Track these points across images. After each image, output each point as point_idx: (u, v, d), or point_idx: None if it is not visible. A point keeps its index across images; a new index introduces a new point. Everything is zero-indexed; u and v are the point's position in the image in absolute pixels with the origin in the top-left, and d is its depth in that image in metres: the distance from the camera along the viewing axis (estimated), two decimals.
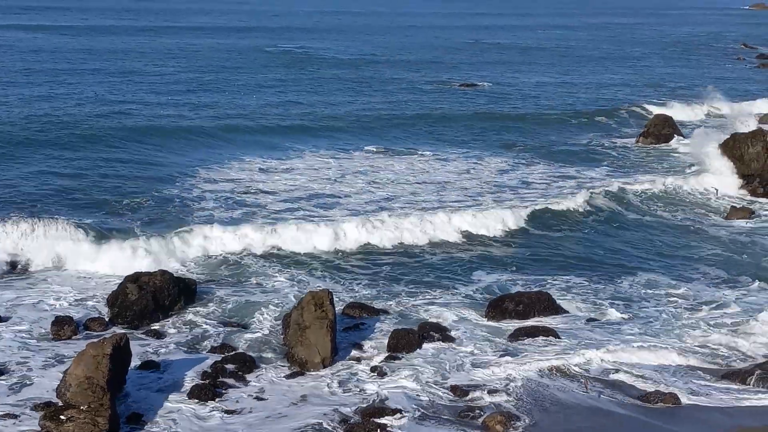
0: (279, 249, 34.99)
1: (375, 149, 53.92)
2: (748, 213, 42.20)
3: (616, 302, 30.50)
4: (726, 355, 26.56)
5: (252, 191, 43.10)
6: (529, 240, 37.98)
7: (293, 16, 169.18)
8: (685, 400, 23.59)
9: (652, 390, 24.01)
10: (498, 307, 29.09)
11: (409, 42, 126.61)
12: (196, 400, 22.62)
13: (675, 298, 30.96)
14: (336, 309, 26.26)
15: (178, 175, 45.20)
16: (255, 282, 31.33)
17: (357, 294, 30.62)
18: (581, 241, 38.04)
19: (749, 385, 24.43)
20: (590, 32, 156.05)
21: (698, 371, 25.51)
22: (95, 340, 22.78)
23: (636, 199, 44.48)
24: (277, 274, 32.25)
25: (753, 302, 30.67)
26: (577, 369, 25.22)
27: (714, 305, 30.33)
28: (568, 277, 33.03)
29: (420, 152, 53.70)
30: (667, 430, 22.19)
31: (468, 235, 37.80)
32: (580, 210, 41.96)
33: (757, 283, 32.69)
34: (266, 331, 27.28)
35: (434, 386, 24.00)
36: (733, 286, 32.65)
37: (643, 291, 31.78)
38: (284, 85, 79.35)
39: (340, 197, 42.73)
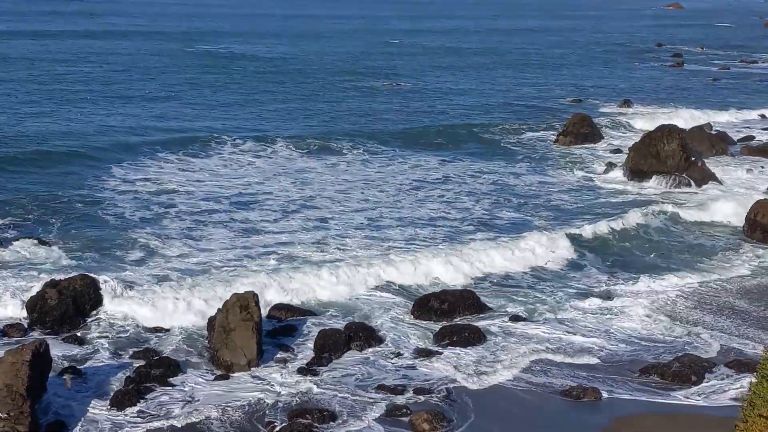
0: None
1: (301, 149, 53.76)
2: (667, 209, 43.16)
3: (541, 299, 30.94)
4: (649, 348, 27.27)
5: (170, 190, 42.83)
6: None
7: (215, 17, 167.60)
8: (605, 394, 24.09)
9: (575, 385, 24.47)
10: (423, 306, 29.27)
11: (335, 43, 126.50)
12: (120, 407, 22.26)
13: (597, 298, 31.55)
14: (262, 311, 26.11)
15: (92, 176, 44.73)
16: (180, 285, 30.92)
17: (283, 295, 30.40)
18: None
19: (668, 379, 25.05)
20: (512, 35, 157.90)
21: (619, 365, 26.06)
22: (14, 346, 22.29)
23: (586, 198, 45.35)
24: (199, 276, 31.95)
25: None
26: (499, 366, 25.56)
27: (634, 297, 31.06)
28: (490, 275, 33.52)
29: (344, 151, 53.76)
30: (588, 423, 22.65)
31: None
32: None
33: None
34: (191, 335, 26.97)
35: (361, 386, 24.06)
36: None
37: (568, 286, 32.32)
38: (208, 85, 78.58)
39: (261, 197, 42.65)
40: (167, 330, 27.25)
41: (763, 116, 71.53)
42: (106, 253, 33.46)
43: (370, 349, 26.36)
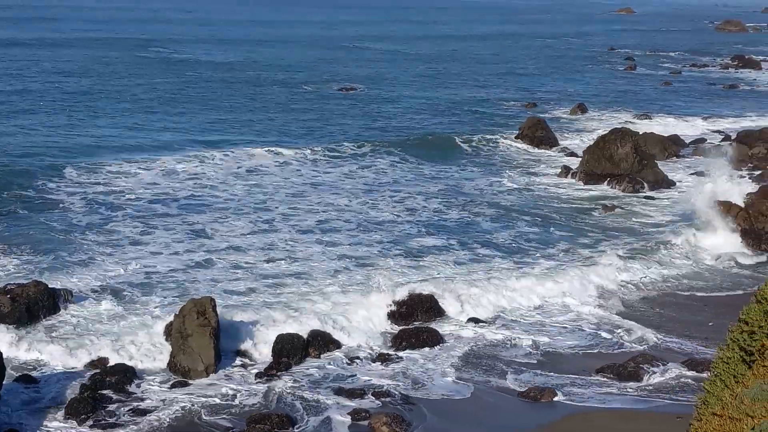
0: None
1: (254, 154, 53.56)
2: (620, 211, 43.68)
3: (498, 303, 31.11)
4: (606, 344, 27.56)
5: (121, 194, 42.61)
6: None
7: (168, 23, 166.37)
8: (561, 394, 24.30)
9: (532, 386, 24.66)
10: (382, 309, 29.26)
11: (289, 49, 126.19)
12: (75, 416, 21.99)
13: (552, 299, 31.82)
14: (219, 316, 25.96)
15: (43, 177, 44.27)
16: (136, 291, 30.65)
17: (242, 299, 30.24)
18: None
19: (623, 378, 25.34)
20: (466, 40, 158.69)
21: (576, 365, 26.31)
22: None
23: (525, 199, 45.65)
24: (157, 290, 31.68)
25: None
26: (456, 368, 25.68)
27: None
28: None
29: (297, 156, 53.68)
30: (543, 422, 22.83)
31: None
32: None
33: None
34: (148, 341, 26.71)
35: (320, 390, 24.03)
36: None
37: (522, 284, 32.53)
38: (162, 91, 77.97)
39: (211, 201, 42.58)
40: (124, 336, 26.93)
41: (713, 119, 72.63)
42: (58, 258, 33.08)
43: (328, 353, 26.35)
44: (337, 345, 26.91)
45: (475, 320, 29.34)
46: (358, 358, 26.22)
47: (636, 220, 42.73)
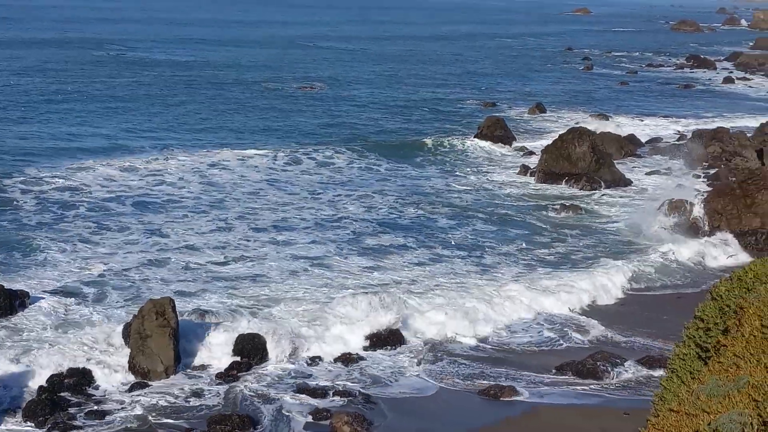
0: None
1: (213, 152, 53.32)
2: (578, 210, 44.02)
3: (460, 302, 31.25)
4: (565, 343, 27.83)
5: (77, 193, 42.28)
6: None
7: (128, 22, 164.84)
8: (522, 391, 24.50)
9: (493, 383, 24.84)
10: (344, 308, 29.25)
11: (250, 48, 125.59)
12: (32, 418, 21.75)
13: (513, 298, 32.03)
14: (179, 316, 25.82)
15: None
16: (91, 291, 30.35)
17: (203, 300, 30.07)
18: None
19: (582, 376, 25.62)
20: (426, 41, 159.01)
21: (536, 363, 26.54)
22: None
23: (480, 197, 45.86)
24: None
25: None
26: (419, 367, 25.78)
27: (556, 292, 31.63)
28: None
29: (256, 154, 53.52)
30: (504, 419, 23.01)
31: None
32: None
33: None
34: (106, 342, 26.46)
35: (282, 390, 23.99)
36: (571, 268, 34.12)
37: (482, 283, 32.73)
38: (122, 91, 77.23)
39: (167, 200, 42.38)
40: (81, 337, 26.66)
41: (669, 118, 73.53)
42: (11, 258, 32.72)
43: (290, 353, 26.28)
44: (300, 344, 26.83)
45: (438, 319, 29.39)
46: (319, 357, 26.20)
47: (593, 218, 43.15)
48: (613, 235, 40.44)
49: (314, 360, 26.06)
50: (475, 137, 60.47)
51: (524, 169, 52.02)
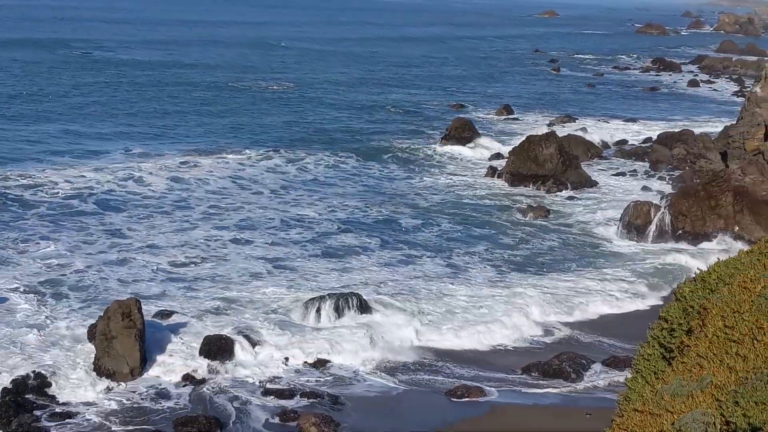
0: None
1: (179, 151, 53.03)
2: (545, 212, 44.26)
3: (429, 300, 31.31)
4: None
5: (40, 190, 42.04)
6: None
7: (96, 23, 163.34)
8: (488, 392, 24.62)
9: (459, 384, 24.93)
10: (311, 308, 29.21)
11: (216, 48, 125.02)
12: None
13: (479, 297, 32.15)
14: (145, 317, 25.65)
15: None
16: (55, 292, 30.03)
17: (168, 301, 29.90)
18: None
19: (548, 376, 25.79)
20: (396, 42, 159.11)
21: (502, 364, 26.66)
22: None
23: (443, 197, 45.95)
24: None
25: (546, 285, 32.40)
26: (386, 367, 25.81)
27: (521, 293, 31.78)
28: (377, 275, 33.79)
29: (222, 153, 53.32)
30: (470, 419, 23.10)
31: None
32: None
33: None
34: (71, 343, 26.24)
35: (249, 391, 23.92)
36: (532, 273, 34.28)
37: (447, 284, 32.82)
38: (91, 92, 76.50)
39: (130, 198, 42.19)
40: (47, 338, 26.43)
41: (635, 121, 74.15)
42: None
43: (257, 353, 26.19)
44: (267, 345, 26.76)
45: (402, 319, 29.43)
46: (287, 358, 26.14)
47: (559, 219, 43.40)
48: (578, 237, 40.69)
49: (281, 361, 25.97)
50: (442, 139, 60.58)
51: (491, 171, 52.23)
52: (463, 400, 24.17)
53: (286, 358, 26.13)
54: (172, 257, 33.99)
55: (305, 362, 25.99)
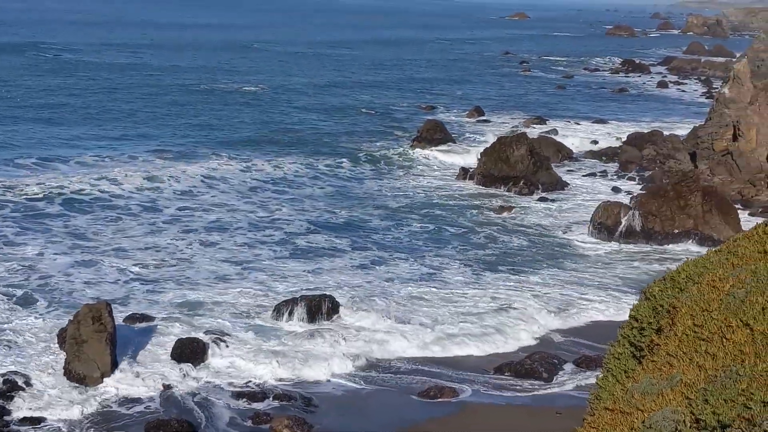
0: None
1: (148, 153, 52.72)
2: (516, 212, 44.46)
3: (401, 303, 31.32)
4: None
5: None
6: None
7: (63, 25, 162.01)
8: (461, 392, 24.67)
9: (433, 385, 24.97)
10: (283, 310, 29.14)
11: (186, 50, 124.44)
12: None
13: (452, 299, 32.21)
14: (116, 321, 25.46)
15: None
16: (21, 295, 29.70)
17: (139, 305, 29.68)
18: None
19: (520, 376, 25.89)
20: (368, 45, 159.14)
21: (474, 364, 26.72)
22: None
23: (418, 199, 46.03)
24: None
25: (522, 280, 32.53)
26: (361, 370, 25.80)
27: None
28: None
29: (192, 155, 53.07)
30: (441, 419, 23.14)
31: None
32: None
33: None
34: (41, 347, 25.98)
35: (221, 394, 23.80)
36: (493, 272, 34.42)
37: (419, 285, 32.84)
38: (60, 95, 75.92)
39: (97, 201, 41.98)
40: (14, 342, 26.16)
41: (605, 122, 74.61)
42: None
43: (229, 356, 26.09)
44: (239, 347, 26.65)
45: (375, 320, 29.43)
46: (256, 360, 26.04)
47: (530, 220, 43.59)
48: (549, 237, 40.90)
49: (253, 364, 25.86)
50: (414, 141, 60.67)
51: (463, 172, 52.37)
52: (436, 400, 24.20)
53: (258, 361, 26.02)
54: (141, 260, 33.77)
55: (277, 364, 25.88)
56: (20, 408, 22.49)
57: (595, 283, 34.78)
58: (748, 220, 40.57)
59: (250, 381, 24.75)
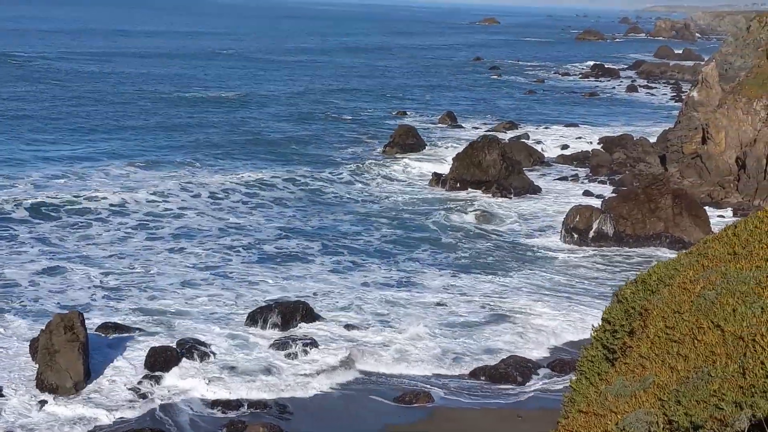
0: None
1: (122, 160, 52.42)
2: (488, 217, 44.58)
3: (374, 309, 31.32)
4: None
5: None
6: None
7: (34, 34, 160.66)
8: (437, 397, 24.71)
9: (408, 390, 24.97)
10: (258, 318, 29.03)
11: (155, 58, 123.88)
12: None
13: (426, 303, 32.25)
14: (88, 330, 25.27)
15: None
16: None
17: (112, 314, 29.45)
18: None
19: (495, 380, 25.97)
20: (338, 51, 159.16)
21: (450, 369, 26.76)
22: None
23: (401, 206, 46.07)
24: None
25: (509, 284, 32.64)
26: (336, 375, 25.77)
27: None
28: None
29: (164, 162, 52.82)
30: (415, 422, 23.16)
31: None
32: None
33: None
34: (11, 357, 25.74)
35: (196, 402, 23.67)
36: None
37: (392, 290, 32.86)
38: (32, 104, 75.29)
39: (65, 208, 41.67)
40: None
41: (575, 126, 75.10)
42: None
43: (203, 364, 25.96)
44: (213, 354, 26.53)
45: (349, 326, 29.42)
46: (233, 367, 25.94)
47: (503, 224, 43.75)
48: (521, 241, 41.06)
49: (227, 372, 25.77)
50: (386, 146, 60.76)
51: (435, 177, 52.48)
52: (412, 405, 24.21)
53: (232, 368, 25.92)
54: (109, 269, 33.51)
55: (252, 371, 25.80)
56: None
57: (566, 286, 34.96)
58: (717, 223, 40.95)
59: (223, 389, 24.62)
